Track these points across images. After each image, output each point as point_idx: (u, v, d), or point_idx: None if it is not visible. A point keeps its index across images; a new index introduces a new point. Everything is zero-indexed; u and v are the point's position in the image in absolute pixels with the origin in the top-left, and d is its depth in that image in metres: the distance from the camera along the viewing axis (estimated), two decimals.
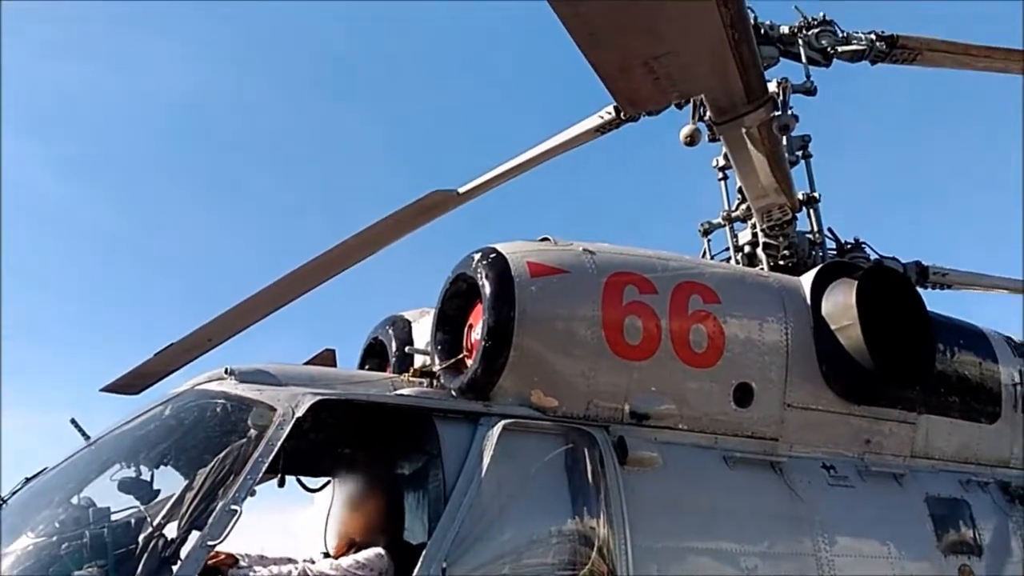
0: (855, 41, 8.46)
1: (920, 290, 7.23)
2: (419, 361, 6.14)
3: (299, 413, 4.56)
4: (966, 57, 8.19)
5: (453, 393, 5.33)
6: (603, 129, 7.95)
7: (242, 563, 4.63)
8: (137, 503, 4.65)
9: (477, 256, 5.41)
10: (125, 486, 4.77)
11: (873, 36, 8.41)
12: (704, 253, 8.64)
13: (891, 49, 8.36)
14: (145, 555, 4.17)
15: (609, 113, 7.73)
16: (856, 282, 6.27)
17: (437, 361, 5.60)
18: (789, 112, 7.59)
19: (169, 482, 4.74)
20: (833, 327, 6.23)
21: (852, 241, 8.33)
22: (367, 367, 6.88)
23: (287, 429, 4.50)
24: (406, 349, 6.34)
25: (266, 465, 4.41)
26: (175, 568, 4.11)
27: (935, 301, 7.52)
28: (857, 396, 6.38)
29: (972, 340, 7.41)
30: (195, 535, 4.18)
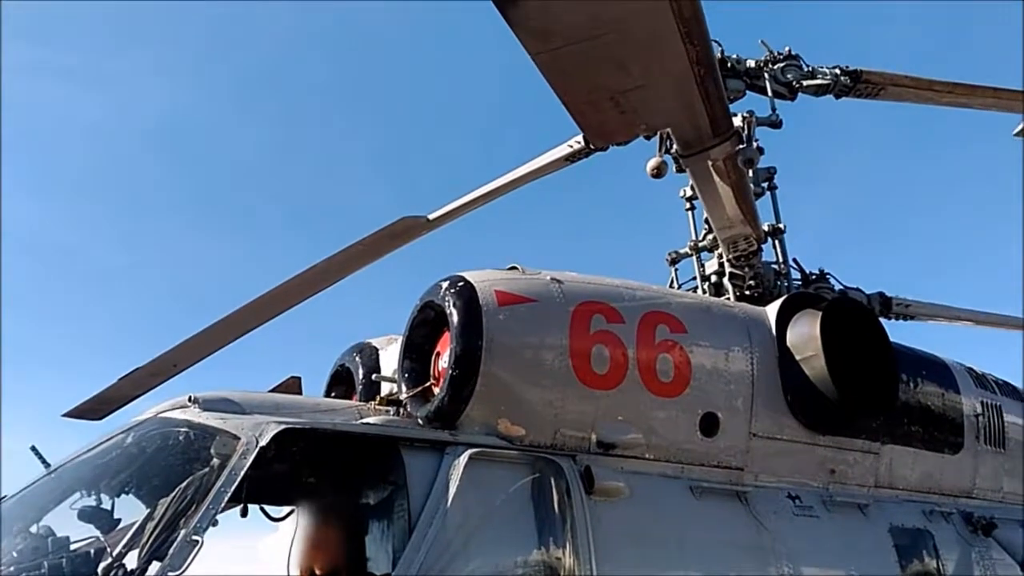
0: (820, 75, 8.60)
1: (884, 321, 7.32)
2: (386, 389, 6.11)
3: (263, 442, 4.52)
4: (930, 92, 8.34)
5: (420, 422, 5.31)
6: (572, 158, 7.99)
7: None
8: (97, 532, 4.60)
9: (445, 284, 5.42)
10: (85, 515, 4.71)
11: (838, 71, 8.54)
12: (671, 282, 8.71)
13: (855, 83, 8.50)
14: None
15: (578, 143, 7.77)
16: (820, 313, 6.34)
17: (404, 389, 5.58)
18: (754, 145, 7.68)
19: (130, 511, 4.67)
20: (798, 357, 6.29)
21: (817, 272, 8.44)
22: (333, 395, 6.83)
23: (250, 459, 4.45)
24: (373, 377, 6.30)
25: (229, 495, 4.35)
26: None
27: (898, 332, 7.63)
28: (822, 426, 6.43)
29: (935, 371, 7.51)
30: (155, 566, 4.08)
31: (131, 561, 4.19)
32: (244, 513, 5.37)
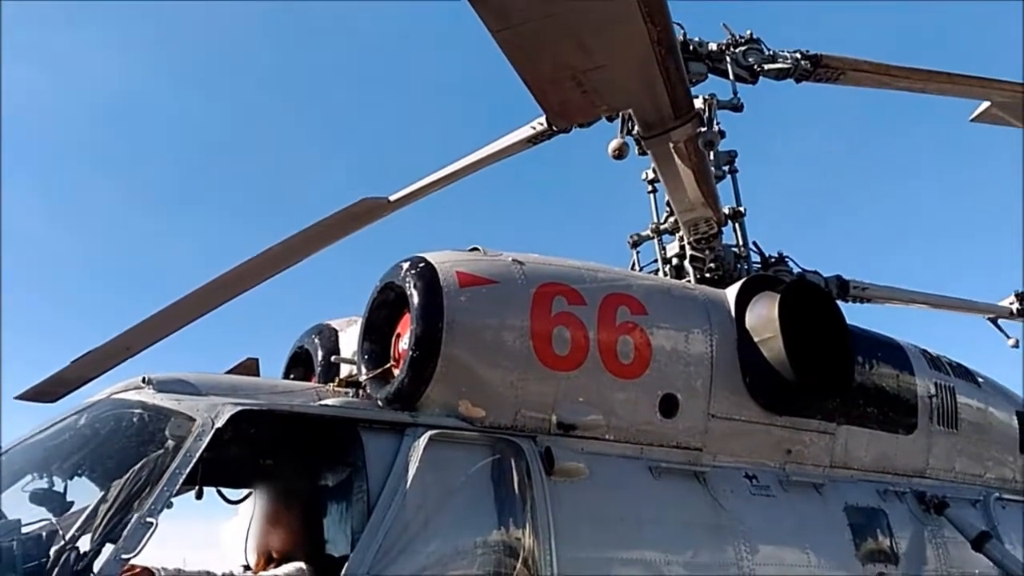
0: (781, 59, 8.61)
1: (840, 303, 7.40)
2: (345, 371, 6.07)
3: (219, 424, 4.47)
4: (887, 77, 8.40)
5: (379, 403, 5.28)
6: (535, 140, 7.98)
7: None
8: (49, 515, 4.53)
9: (405, 265, 5.38)
10: (37, 497, 4.66)
11: (798, 55, 8.57)
12: (633, 265, 8.74)
13: (815, 68, 8.53)
14: (56, 569, 4.03)
15: (541, 124, 7.76)
16: (779, 295, 6.39)
17: (364, 371, 5.54)
18: (715, 127, 7.71)
19: (83, 494, 4.61)
20: (756, 339, 6.34)
21: (776, 255, 8.49)
22: (292, 376, 6.78)
23: (206, 440, 4.40)
24: (332, 358, 6.26)
25: (184, 477, 4.30)
26: None
27: (855, 315, 7.72)
28: (779, 407, 6.49)
29: (890, 353, 7.60)
30: (109, 548, 4.05)
31: (84, 544, 4.14)
32: (200, 495, 5.32)
